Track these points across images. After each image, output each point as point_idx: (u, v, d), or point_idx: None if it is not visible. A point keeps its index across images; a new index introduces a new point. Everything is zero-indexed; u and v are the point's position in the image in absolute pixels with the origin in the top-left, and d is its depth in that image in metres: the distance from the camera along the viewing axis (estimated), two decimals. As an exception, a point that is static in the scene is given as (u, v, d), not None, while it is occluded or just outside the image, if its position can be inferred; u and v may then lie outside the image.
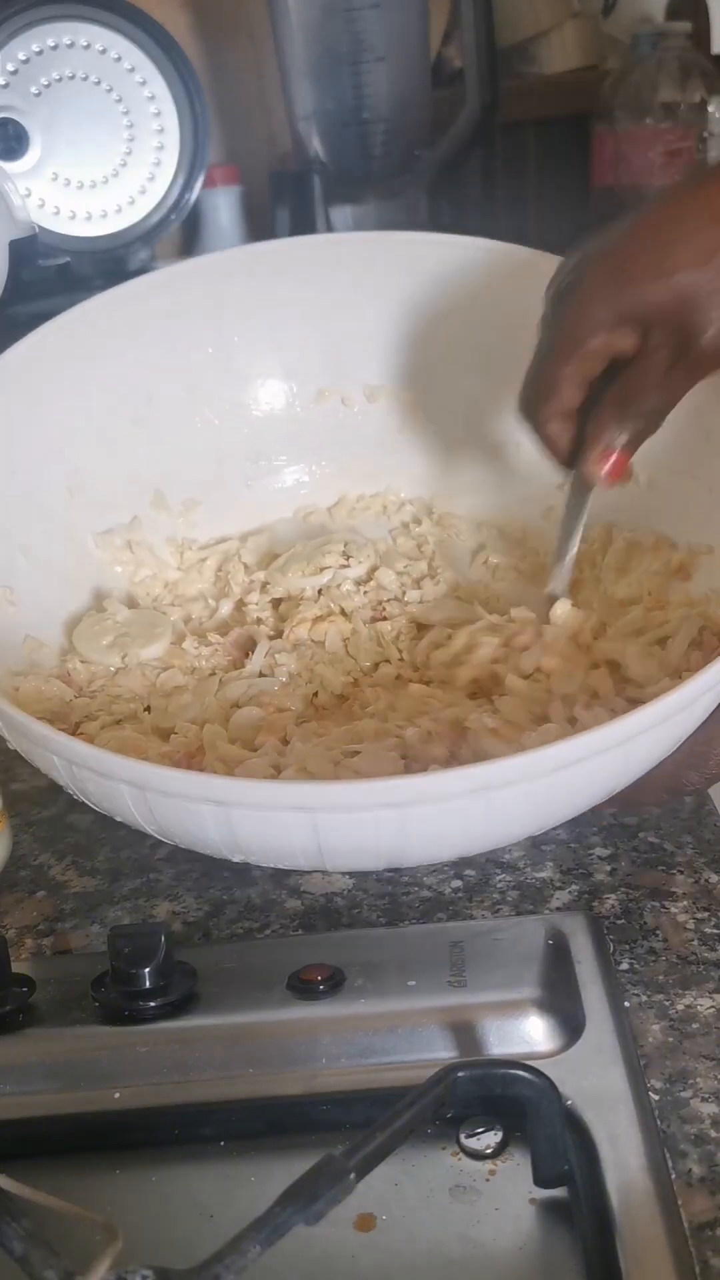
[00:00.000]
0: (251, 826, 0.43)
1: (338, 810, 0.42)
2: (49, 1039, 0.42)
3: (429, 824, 0.43)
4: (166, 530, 0.67)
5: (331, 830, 0.42)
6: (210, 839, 0.44)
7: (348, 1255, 0.35)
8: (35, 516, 0.61)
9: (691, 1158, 0.36)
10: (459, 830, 0.44)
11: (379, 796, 0.41)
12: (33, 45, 1.04)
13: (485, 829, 0.45)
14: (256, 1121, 0.40)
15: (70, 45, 1.05)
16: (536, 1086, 0.35)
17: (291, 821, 0.42)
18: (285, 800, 0.42)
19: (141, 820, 0.45)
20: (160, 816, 0.44)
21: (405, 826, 0.42)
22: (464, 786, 0.41)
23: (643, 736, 0.43)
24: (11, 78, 1.04)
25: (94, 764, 0.44)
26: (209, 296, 0.67)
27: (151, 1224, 0.37)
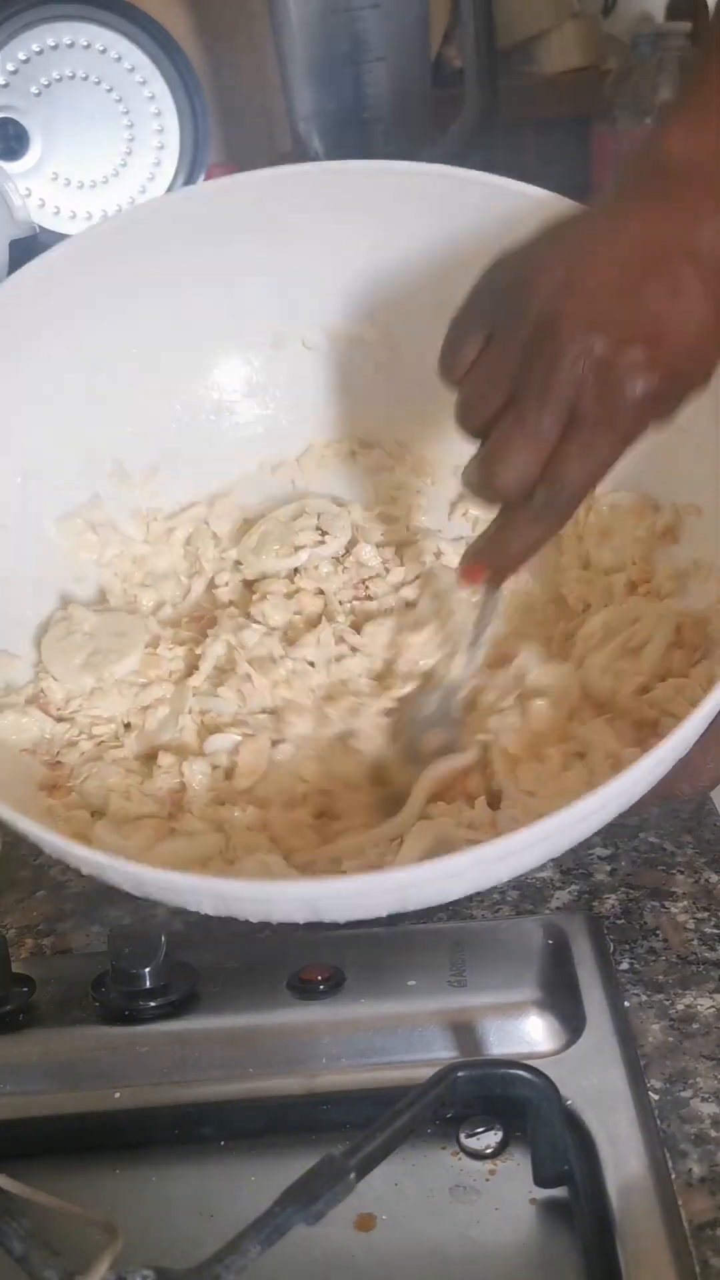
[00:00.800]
0: (252, 910, 0.43)
1: (339, 899, 0.42)
2: (49, 1039, 0.42)
3: (428, 890, 0.43)
4: (129, 503, 0.64)
5: (333, 910, 0.43)
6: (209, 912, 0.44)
7: (348, 1255, 0.35)
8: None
9: (691, 1157, 0.36)
10: (459, 889, 0.44)
11: (378, 885, 0.41)
12: (33, 45, 1.04)
13: (486, 879, 0.45)
14: (256, 1121, 0.40)
15: (70, 45, 1.05)
16: (536, 1086, 0.35)
17: (293, 909, 0.42)
18: (287, 895, 0.42)
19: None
20: (161, 899, 0.44)
21: (405, 898, 0.42)
22: (460, 866, 0.40)
23: (618, 799, 0.42)
24: (11, 78, 1.04)
25: (94, 868, 0.44)
26: (151, 250, 0.60)
27: (151, 1224, 0.37)
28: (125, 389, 0.63)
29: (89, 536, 0.62)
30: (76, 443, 0.62)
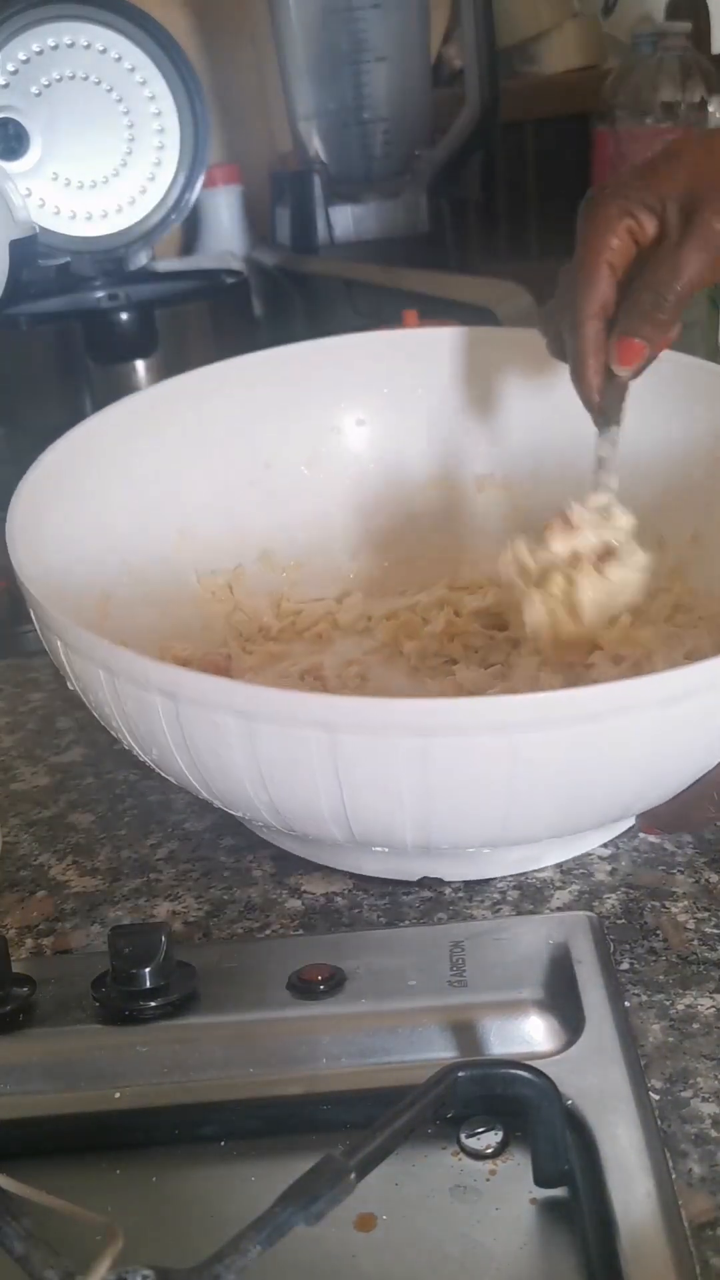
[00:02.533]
0: (274, 749, 0.41)
1: (359, 731, 0.40)
2: (49, 1039, 0.42)
3: (463, 768, 0.41)
4: (269, 585, 0.67)
5: (354, 762, 0.41)
6: (237, 769, 0.43)
7: (348, 1255, 0.35)
8: (145, 544, 0.63)
9: (692, 1157, 0.36)
10: (494, 797, 0.42)
11: (402, 718, 0.39)
12: (33, 45, 1.04)
13: (519, 796, 0.42)
14: (256, 1121, 0.40)
15: (70, 45, 1.05)
16: (537, 1086, 0.35)
17: (311, 743, 0.40)
18: (306, 714, 0.40)
19: (173, 743, 0.44)
20: (186, 732, 0.43)
21: (430, 776, 0.40)
22: (554, 712, 0.40)
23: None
24: (12, 78, 1.04)
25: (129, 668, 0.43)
26: (334, 375, 0.69)
27: (151, 1224, 0.37)
28: (289, 489, 0.69)
29: (225, 593, 0.65)
30: (234, 521, 0.67)
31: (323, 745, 0.40)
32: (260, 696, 0.41)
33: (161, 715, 0.43)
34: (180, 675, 0.42)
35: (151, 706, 0.43)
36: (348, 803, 0.42)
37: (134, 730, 0.46)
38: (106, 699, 0.45)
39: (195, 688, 0.42)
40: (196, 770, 0.45)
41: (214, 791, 0.46)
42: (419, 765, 0.40)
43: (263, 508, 0.68)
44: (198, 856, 0.54)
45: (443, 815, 0.43)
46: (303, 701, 0.41)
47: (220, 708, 0.41)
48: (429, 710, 0.40)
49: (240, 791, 0.44)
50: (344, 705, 0.41)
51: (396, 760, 0.40)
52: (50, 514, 0.57)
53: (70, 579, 0.56)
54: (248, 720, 0.41)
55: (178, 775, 0.47)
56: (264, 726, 0.41)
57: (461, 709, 0.40)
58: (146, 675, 0.43)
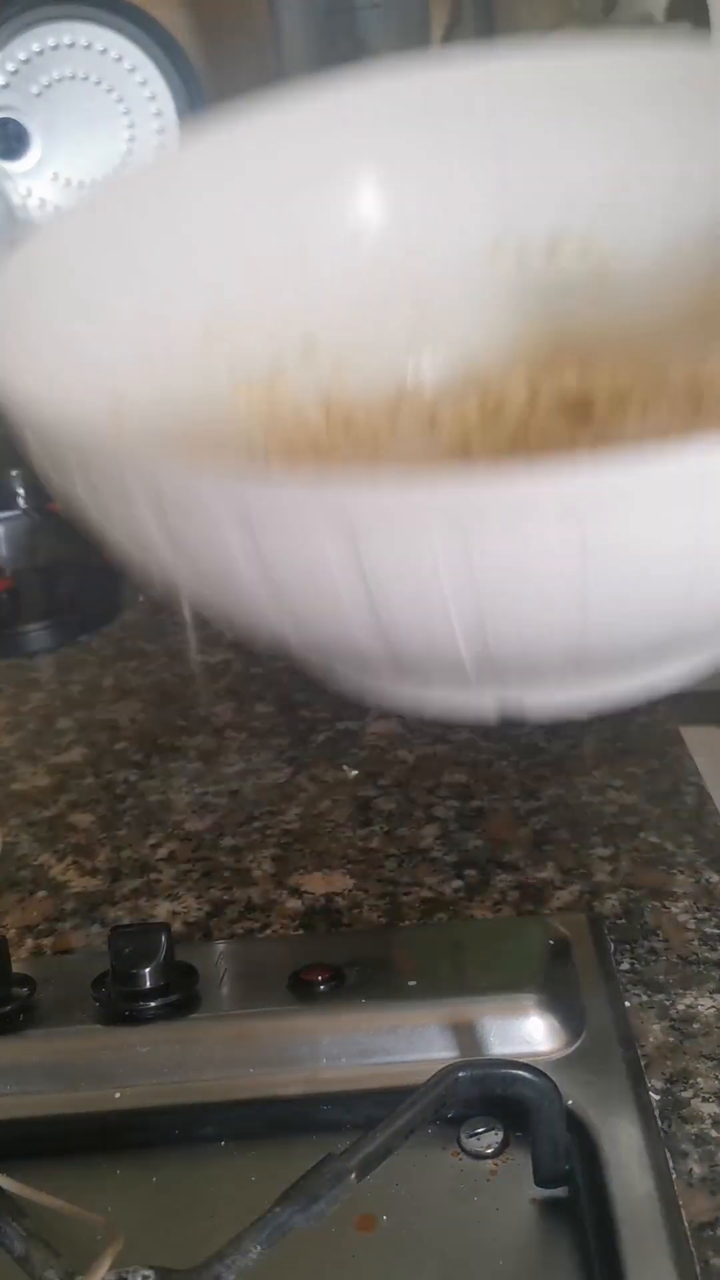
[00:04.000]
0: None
1: (383, 520, 0.32)
2: (49, 1039, 0.42)
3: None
4: (314, 386, 0.56)
5: (382, 561, 0.33)
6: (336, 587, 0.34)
7: (348, 1255, 0.35)
8: (166, 344, 0.52)
9: (692, 1158, 0.36)
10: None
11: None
12: (33, 45, 1.04)
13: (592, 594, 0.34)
14: (257, 1121, 0.40)
15: (70, 45, 1.05)
16: (537, 1086, 0.35)
17: (328, 545, 0.32)
18: (317, 503, 0.32)
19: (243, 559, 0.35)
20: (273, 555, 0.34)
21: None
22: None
23: None
24: (11, 78, 1.04)
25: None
26: (375, 126, 0.57)
27: (151, 1224, 0.37)
28: (333, 269, 0.57)
29: (263, 398, 0.55)
30: (270, 311, 0.56)
31: (344, 547, 0.32)
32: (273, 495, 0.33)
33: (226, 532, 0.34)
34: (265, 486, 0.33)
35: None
36: (380, 613, 0.34)
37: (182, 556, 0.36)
38: (151, 531, 0.36)
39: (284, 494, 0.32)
40: (273, 591, 0.35)
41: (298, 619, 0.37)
42: (461, 556, 0.32)
43: (303, 294, 0.56)
44: (198, 856, 0.54)
45: (499, 622, 0.34)
46: (311, 490, 0.33)
47: (226, 519, 0.33)
48: (473, 483, 0.31)
49: (332, 612, 0.35)
50: (363, 490, 0.32)
51: (434, 562, 0.32)
52: (41, 314, 0.47)
53: (72, 391, 0.46)
54: (250, 533, 0.33)
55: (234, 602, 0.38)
56: (274, 538, 0.33)
57: (516, 479, 0.31)
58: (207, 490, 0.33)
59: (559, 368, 0.55)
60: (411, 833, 0.54)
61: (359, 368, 0.57)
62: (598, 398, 0.53)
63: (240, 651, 0.75)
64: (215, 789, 0.60)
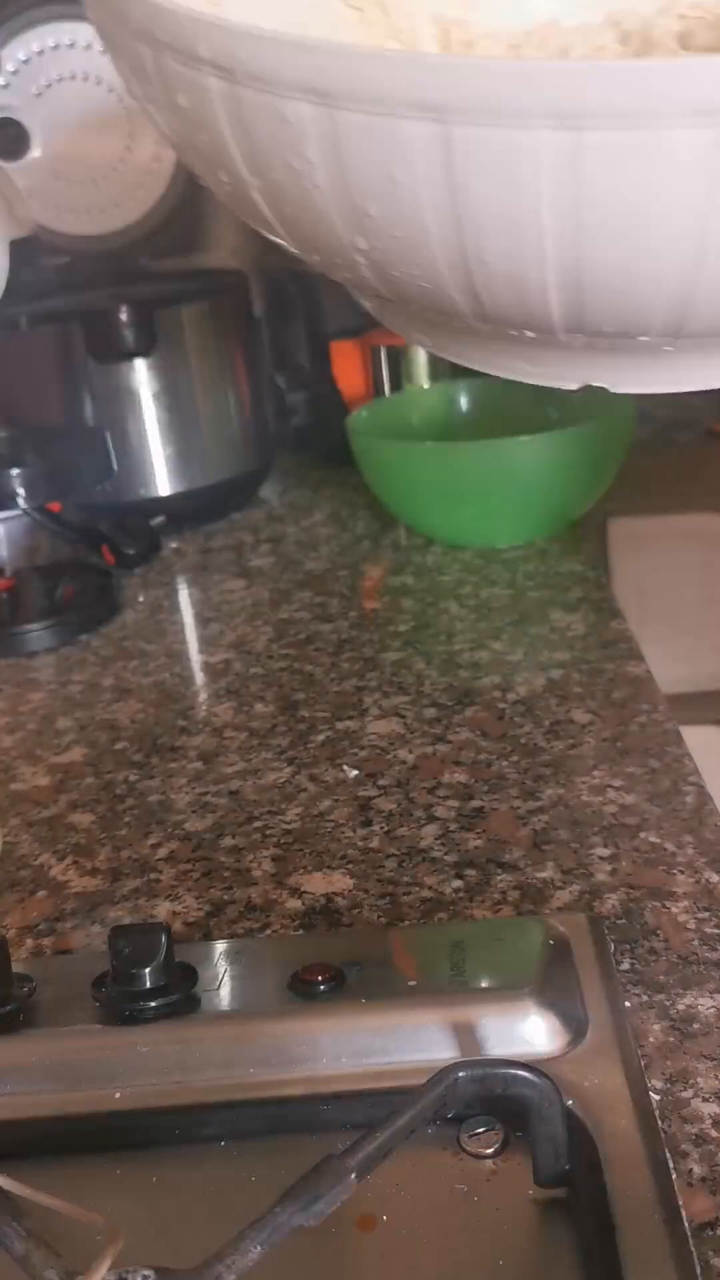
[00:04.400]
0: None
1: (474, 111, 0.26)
2: (49, 1039, 0.42)
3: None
4: (436, 4, 0.47)
5: (471, 159, 0.27)
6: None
7: (348, 1255, 0.35)
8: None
9: (692, 1158, 0.36)
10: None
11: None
12: (33, 45, 1.04)
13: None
14: (257, 1121, 0.40)
15: (70, 45, 1.05)
16: (537, 1087, 0.35)
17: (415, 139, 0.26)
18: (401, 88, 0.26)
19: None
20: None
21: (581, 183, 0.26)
22: None
23: None
24: (12, 78, 1.04)
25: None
26: None
27: (151, 1224, 0.37)
28: None
29: (376, 14, 0.47)
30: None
31: (431, 135, 0.27)
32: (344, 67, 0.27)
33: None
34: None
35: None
36: (468, 240, 0.29)
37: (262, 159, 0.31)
38: (218, 114, 0.31)
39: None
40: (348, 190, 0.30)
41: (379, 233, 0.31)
42: (569, 172, 0.26)
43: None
44: (198, 856, 0.54)
45: (603, 265, 0.29)
46: (400, 63, 0.27)
47: (297, 87, 0.27)
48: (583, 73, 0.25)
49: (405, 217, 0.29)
50: (457, 67, 0.26)
51: (536, 164, 0.26)
52: None
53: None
54: (326, 104, 0.27)
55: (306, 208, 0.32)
56: (349, 117, 0.27)
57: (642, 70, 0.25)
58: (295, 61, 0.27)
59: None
60: (411, 833, 0.54)
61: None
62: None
63: (240, 651, 0.75)
64: (215, 789, 0.60)
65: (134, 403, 0.94)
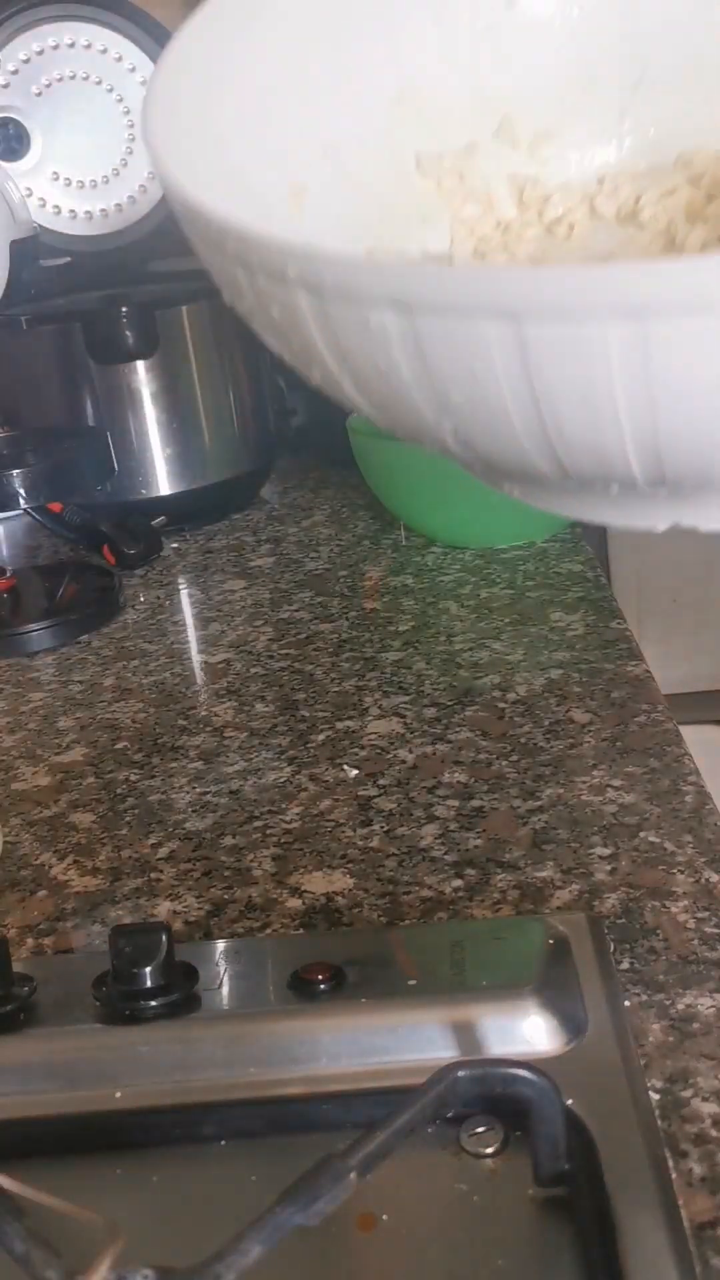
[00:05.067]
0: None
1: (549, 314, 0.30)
2: (50, 1038, 0.42)
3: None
4: (509, 165, 0.52)
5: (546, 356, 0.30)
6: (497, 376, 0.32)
7: (348, 1255, 0.35)
8: (352, 116, 0.49)
9: (692, 1157, 0.36)
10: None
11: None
12: (33, 45, 1.04)
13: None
14: (257, 1121, 0.40)
15: (71, 45, 1.05)
16: (537, 1086, 0.35)
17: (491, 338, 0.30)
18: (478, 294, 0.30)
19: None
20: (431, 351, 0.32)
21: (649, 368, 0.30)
22: None
23: None
24: (12, 78, 1.04)
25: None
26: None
27: (151, 1224, 0.37)
28: (534, 37, 0.52)
29: (452, 182, 0.52)
30: (465, 79, 0.51)
31: (508, 337, 0.31)
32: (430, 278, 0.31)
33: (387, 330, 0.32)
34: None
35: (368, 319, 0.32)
36: (547, 424, 0.33)
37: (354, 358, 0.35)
38: (309, 324, 0.35)
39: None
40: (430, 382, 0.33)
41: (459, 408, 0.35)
42: (637, 360, 0.30)
43: (504, 60, 0.52)
44: (198, 856, 0.54)
45: (676, 431, 0.32)
46: (475, 275, 0.32)
47: (381, 301, 0.31)
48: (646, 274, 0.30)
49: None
50: (530, 275, 0.31)
51: (607, 356, 0.30)
52: (212, 84, 0.44)
53: (246, 172, 0.44)
54: (408, 315, 0.31)
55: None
56: (433, 325, 0.31)
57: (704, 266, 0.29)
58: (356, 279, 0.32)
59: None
60: (411, 832, 0.54)
61: (559, 150, 0.52)
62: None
63: (241, 651, 0.75)
64: (215, 789, 0.60)
65: (134, 403, 0.94)
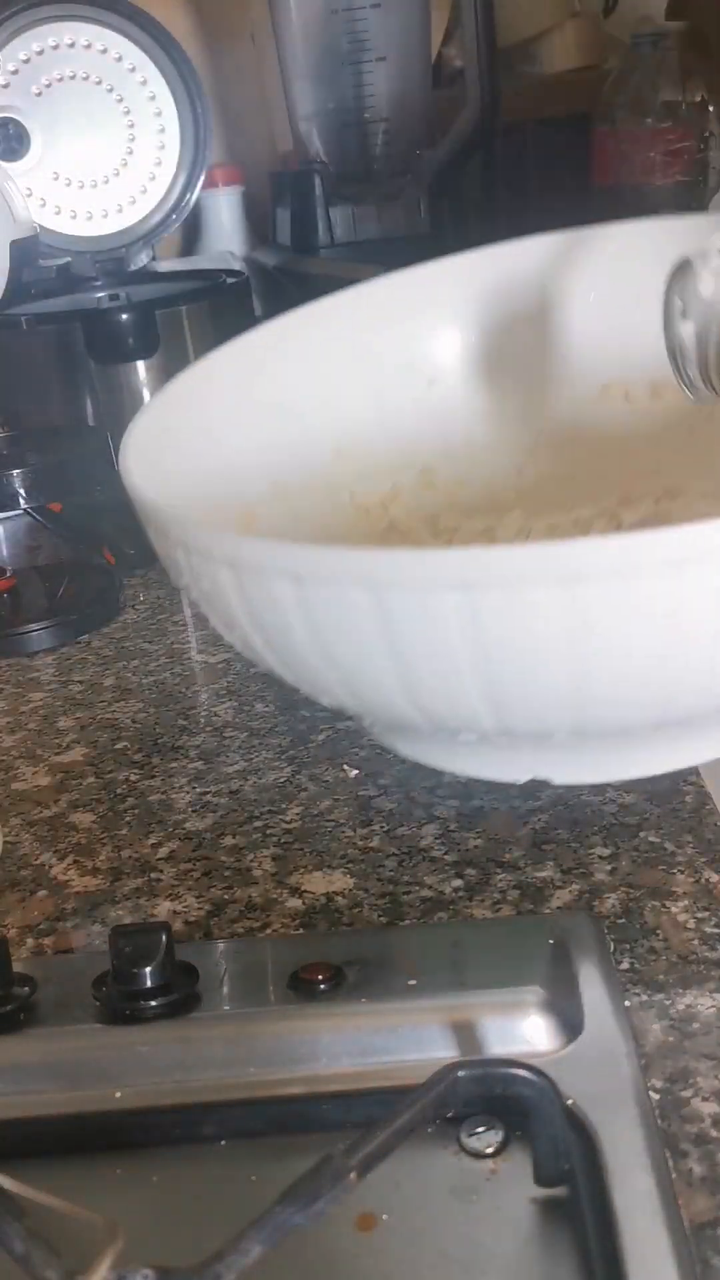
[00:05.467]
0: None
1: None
2: (49, 1038, 0.42)
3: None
4: (427, 505, 0.64)
5: (402, 623, 0.39)
6: (367, 643, 0.41)
7: (348, 1255, 0.35)
8: (297, 462, 0.61)
9: (692, 1157, 0.36)
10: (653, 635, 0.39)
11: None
12: (33, 45, 1.04)
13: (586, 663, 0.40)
14: (257, 1121, 0.40)
15: (71, 45, 1.05)
16: (537, 1086, 0.35)
17: (359, 603, 0.39)
18: (349, 571, 0.39)
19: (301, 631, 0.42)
20: (314, 614, 0.41)
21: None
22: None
23: None
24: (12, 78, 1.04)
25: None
26: (501, 282, 0.66)
27: (152, 1224, 0.37)
28: (453, 408, 0.65)
29: (380, 511, 0.63)
30: (395, 439, 0.64)
31: (372, 605, 0.38)
32: (303, 556, 0.40)
33: (284, 601, 0.41)
34: (243, 542, 0.42)
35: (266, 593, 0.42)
36: (404, 673, 0.40)
37: (262, 627, 0.44)
38: (229, 594, 0.43)
39: (254, 551, 0.41)
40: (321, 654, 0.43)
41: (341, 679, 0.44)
42: (470, 624, 0.38)
43: (425, 426, 0.64)
44: (198, 856, 0.54)
45: (508, 686, 0.40)
46: (343, 558, 0.39)
47: (278, 573, 0.40)
48: (474, 560, 0.38)
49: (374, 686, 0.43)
50: (388, 556, 0.39)
51: (445, 619, 0.38)
52: (182, 431, 0.55)
53: (209, 495, 0.55)
54: (299, 585, 0.40)
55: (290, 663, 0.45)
56: (316, 590, 0.40)
57: (512, 556, 0.38)
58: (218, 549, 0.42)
59: (644, 500, 0.61)
60: (411, 832, 0.54)
61: (469, 491, 0.64)
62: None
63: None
64: (215, 788, 0.60)
65: (134, 403, 0.94)
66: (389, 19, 1.11)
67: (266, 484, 0.59)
